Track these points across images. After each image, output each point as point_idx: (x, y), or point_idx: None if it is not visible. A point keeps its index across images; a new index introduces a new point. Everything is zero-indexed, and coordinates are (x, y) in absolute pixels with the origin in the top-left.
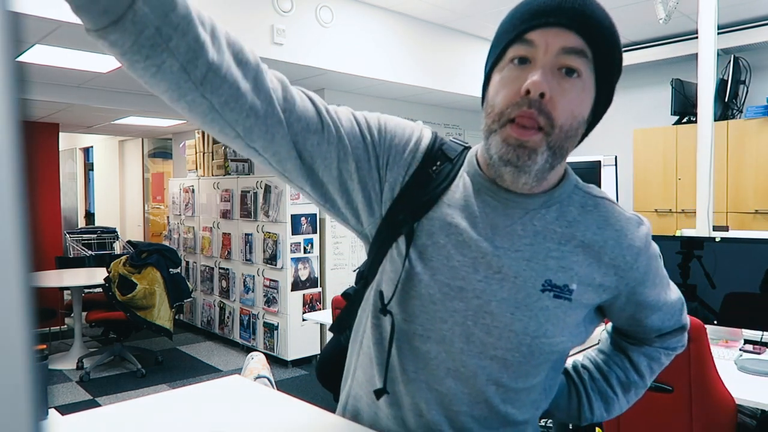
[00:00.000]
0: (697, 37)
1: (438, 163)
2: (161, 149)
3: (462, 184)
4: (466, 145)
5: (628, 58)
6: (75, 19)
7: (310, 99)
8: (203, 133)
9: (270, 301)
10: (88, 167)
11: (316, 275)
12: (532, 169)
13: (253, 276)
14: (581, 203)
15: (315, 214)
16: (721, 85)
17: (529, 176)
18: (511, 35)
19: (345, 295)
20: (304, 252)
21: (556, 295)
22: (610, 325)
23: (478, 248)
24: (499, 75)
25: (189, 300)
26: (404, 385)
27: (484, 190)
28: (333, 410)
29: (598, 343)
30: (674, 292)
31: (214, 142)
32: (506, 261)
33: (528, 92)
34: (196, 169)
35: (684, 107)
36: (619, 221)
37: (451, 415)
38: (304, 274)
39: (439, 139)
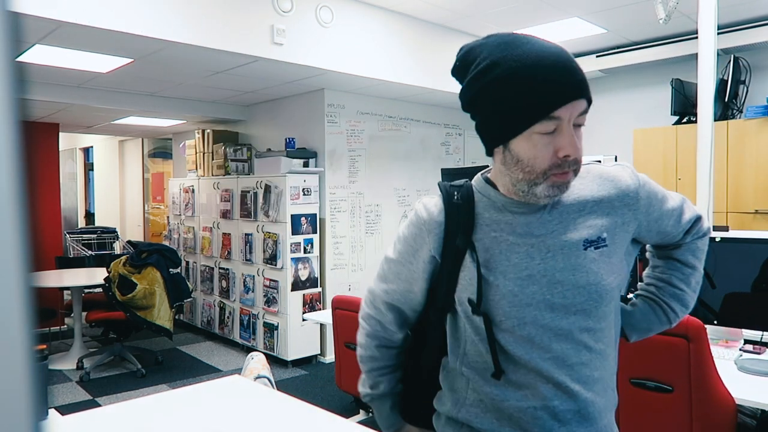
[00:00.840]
0: (697, 37)
1: (456, 192)
2: (161, 149)
3: (484, 203)
4: (464, 181)
5: (628, 58)
6: (75, 19)
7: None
8: (203, 133)
9: (270, 301)
10: (88, 167)
11: (316, 275)
12: (564, 191)
13: (253, 276)
14: (579, 176)
15: (315, 214)
16: (721, 85)
17: (565, 191)
18: (541, 115)
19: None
20: (304, 252)
21: (595, 247)
22: (648, 247)
23: (525, 243)
24: (528, 143)
25: (189, 300)
26: (521, 368)
27: (507, 206)
28: (332, 410)
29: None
30: (675, 199)
31: (214, 142)
32: (550, 241)
33: (567, 156)
34: (196, 169)
35: (684, 107)
36: (609, 174)
37: (568, 370)
38: (304, 274)
39: (446, 185)
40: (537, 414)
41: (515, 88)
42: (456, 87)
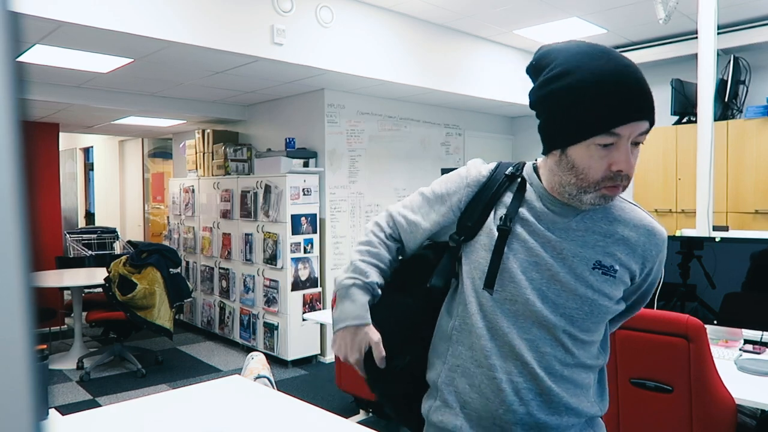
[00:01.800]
0: (697, 37)
1: (506, 174)
2: (161, 149)
3: (529, 192)
4: (519, 171)
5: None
6: (75, 19)
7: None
8: (203, 133)
9: (270, 301)
10: (88, 167)
11: (316, 275)
12: (608, 202)
13: (253, 276)
14: (620, 206)
15: (315, 214)
16: (721, 85)
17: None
18: (602, 129)
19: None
20: (304, 252)
21: (603, 272)
22: None
23: (544, 235)
24: (586, 152)
25: (189, 300)
26: (503, 338)
27: (545, 199)
28: (332, 410)
29: None
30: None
31: (214, 142)
32: (566, 245)
33: (620, 171)
34: (196, 169)
35: (684, 107)
36: (647, 223)
37: (539, 355)
38: (304, 274)
39: (503, 164)
40: (501, 386)
41: (584, 99)
42: (456, 87)
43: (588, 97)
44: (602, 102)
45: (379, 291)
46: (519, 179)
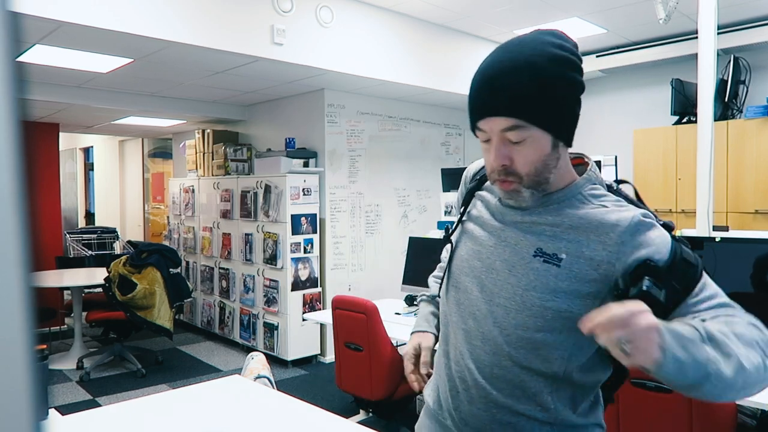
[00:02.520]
0: (697, 37)
1: (477, 177)
2: (161, 149)
3: (490, 192)
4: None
5: (628, 58)
6: (75, 19)
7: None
8: (203, 133)
9: (270, 301)
10: (88, 167)
11: (316, 275)
12: (523, 200)
13: (253, 276)
14: (579, 206)
15: (315, 215)
16: (721, 85)
17: (525, 203)
18: (473, 125)
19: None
20: (304, 252)
21: (545, 260)
22: None
23: (492, 226)
24: (481, 147)
25: (189, 300)
26: (450, 326)
27: (497, 192)
28: (332, 410)
29: None
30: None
31: (214, 142)
32: (509, 233)
33: (499, 166)
34: (196, 169)
35: (684, 107)
36: (606, 213)
37: (470, 347)
38: (304, 274)
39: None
40: (451, 374)
41: (471, 91)
42: (456, 87)
43: (468, 96)
44: (470, 100)
45: (436, 300)
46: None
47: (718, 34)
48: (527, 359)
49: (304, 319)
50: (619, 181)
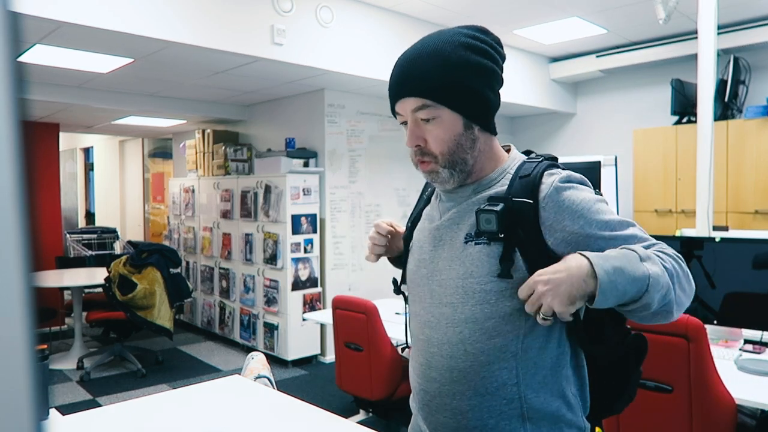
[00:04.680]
0: (697, 37)
1: (429, 187)
2: (161, 149)
3: (435, 196)
4: None
5: (628, 58)
6: (75, 19)
7: None
8: (203, 133)
9: (270, 301)
10: (88, 167)
11: (316, 275)
12: (444, 180)
13: (253, 276)
14: (509, 183)
15: (315, 215)
16: (720, 85)
17: (447, 184)
18: (392, 110)
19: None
20: (304, 252)
21: (476, 242)
22: None
23: (430, 230)
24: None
25: (189, 300)
26: (414, 340)
27: (441, 195)
28: (332, 410)
29: None
30: (620, 227)
31: (215, 141)
32: (444, 231)
33: (414, 146)
34: (196, 169)
35: (684, 107)
36: (529, 180)
37: (429, 356)
38: (304, 274)
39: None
40: (417, 388)
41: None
42: None
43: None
44: (388, 85)
45: None
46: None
47: (718, 34)
48: (484, 352)
49: (304, 319)
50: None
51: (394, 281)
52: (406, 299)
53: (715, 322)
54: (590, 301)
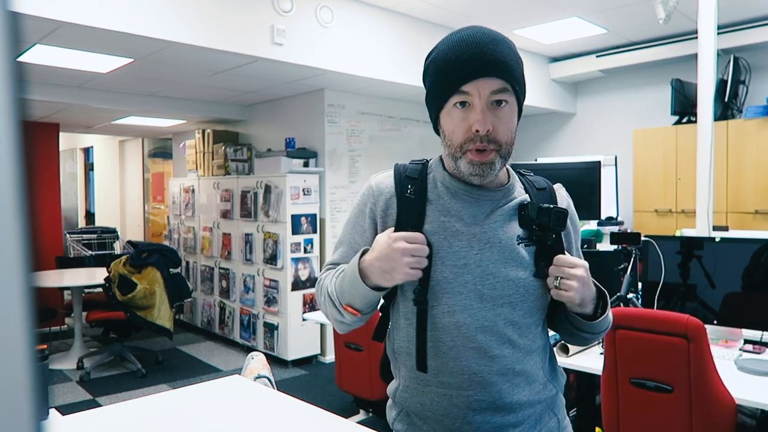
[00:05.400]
0: (697, 37)
1: (409, 186)
2: (161, 149)
3: (439, 191)
4: (422, 161)
5: (628, 58)
6: (75, 19)
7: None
8: (203, 133)
9: (270, 301)
10: (88, 167)
11: (316, 275)
12: (493, 173)
13: (253, 276)
14: (526, 190)
15: (315, 215)
16: (720, 85)
17: (488, 178)
18: (453, 90)
19: (381, 308)
20: (304, 252)
21: (525, 244)
22: None
23: (468, 233)
24: (449, 116)
25: (189, 300)
26: (445, 356)
27: (460, 193)
28: (332, 410)
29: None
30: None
31: (215, 141)
32: (490, 234)
33: (477, 131)
34: (196, 169)
35: (684, 107)
36: (545, 187)
37: (487, 361)
38: (304, 274)
39: (401, 168)
40: (453, 401)
41: (438, 67)
42: None
43: (440, 64)
44: (449, 65)
45: None
46: (418, 178)
47: (718, 34)
48: (532, 342)
49: (304, 319)
50: None
51: (417, 291)
52: (423, 310)
53: (715, 322)
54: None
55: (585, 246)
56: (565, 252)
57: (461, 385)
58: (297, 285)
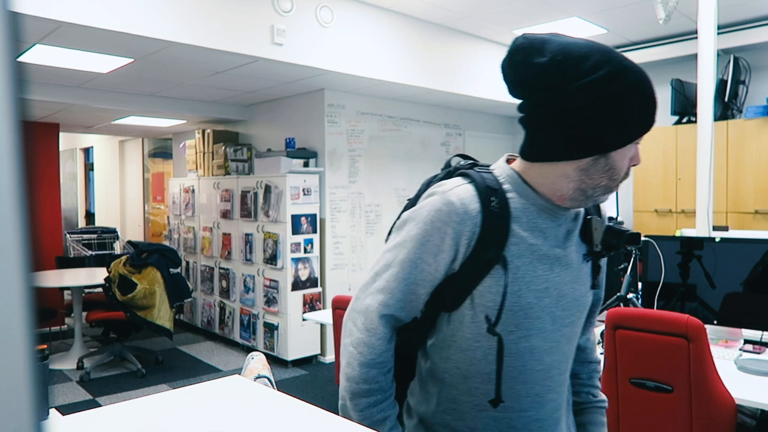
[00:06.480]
0: (697, 37)
1: (492, 198)
2: (161, 149)
3: (521, 207)
4: (487, 166)
5: (628, 58)
6: (75, 19)
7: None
8: (203, 133)
9: (270, 301)
10: (88, 167)
11: (316, 275)
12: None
13: (253, 276)
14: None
15: (315, 215)
16: (720, 85)
17: None
18: (647, 129)
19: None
20: (304, 252)
21: (586, 260)
22: None
23: (553, 255)
24: (626, 152)
25: (189, 300)
26: (514, 380)
27: (545, 211)
28: (332, 410)
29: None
30: None
31: (215, 141)
32: (568, 257)
33: (633, 164)
34: (196, 169)
35: (684, 107)
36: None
37: (549, 382)
38: (304, 274)
39: (479, 178)
40: (512, 423)
41: (636, 103)
42: (455, 87)
43: (638, 100)
44: (646, 103)
45: (397, 410)
46: (497, 195)
47: (718, 34)
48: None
49: (304, 319)
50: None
51: (488, 320)
52: (501, 346)
53: (715, 322)
54: None
55: None
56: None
57: (522, 407)
58: (297, 285)
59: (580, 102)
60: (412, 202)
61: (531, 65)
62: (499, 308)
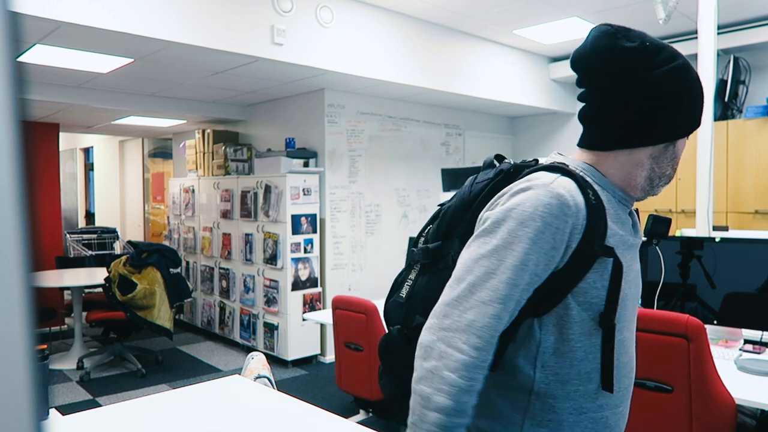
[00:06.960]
0: (697, 37)
1: (589, 191)
2: (161, 149)
3: (605, 198)
4: (566, 165)
5: None
6: (75, 19)
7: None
8: (203, 133)
9: (270, 301)
10: (88, 167)
11: (316, 275)
12: None
13: (253, 276)
14: None
15: (315, 215)
16: (721, 85)
17: None
18: (690, 130)
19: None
20: (304, 252)
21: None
22: None
23: (634, 243)
24: (685, 141)
25: (189, 300)
26: (618, 375)
27: (621, 201)
28: (332, 410)
29: None
30: None
31: (215, 141)
32: (639, 243)
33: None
34: (196, 169)
35: None
36: None
37: (632, 374)
38: (304, 274)
39: (570, 169)
40: (608, 422)
41: (701, 94)
42: (455, 87)
43: (700, 93)
44: (702, 96)
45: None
46: (591, 188)
47: (718, 34)
48: None
49: (304, 319)
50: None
51: (593, 317)
52: (611, 329)
53: (715, 322)
54: None
55: None
56: None
57: (615, 403)
58: (297, 285)
59: (663, 87)
60: (457, 207)
61: (621, 49)
62: (605, 303)
